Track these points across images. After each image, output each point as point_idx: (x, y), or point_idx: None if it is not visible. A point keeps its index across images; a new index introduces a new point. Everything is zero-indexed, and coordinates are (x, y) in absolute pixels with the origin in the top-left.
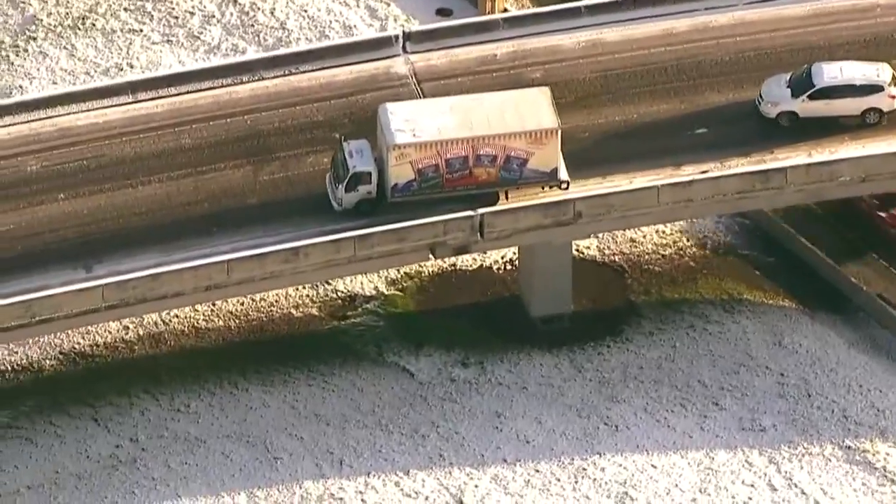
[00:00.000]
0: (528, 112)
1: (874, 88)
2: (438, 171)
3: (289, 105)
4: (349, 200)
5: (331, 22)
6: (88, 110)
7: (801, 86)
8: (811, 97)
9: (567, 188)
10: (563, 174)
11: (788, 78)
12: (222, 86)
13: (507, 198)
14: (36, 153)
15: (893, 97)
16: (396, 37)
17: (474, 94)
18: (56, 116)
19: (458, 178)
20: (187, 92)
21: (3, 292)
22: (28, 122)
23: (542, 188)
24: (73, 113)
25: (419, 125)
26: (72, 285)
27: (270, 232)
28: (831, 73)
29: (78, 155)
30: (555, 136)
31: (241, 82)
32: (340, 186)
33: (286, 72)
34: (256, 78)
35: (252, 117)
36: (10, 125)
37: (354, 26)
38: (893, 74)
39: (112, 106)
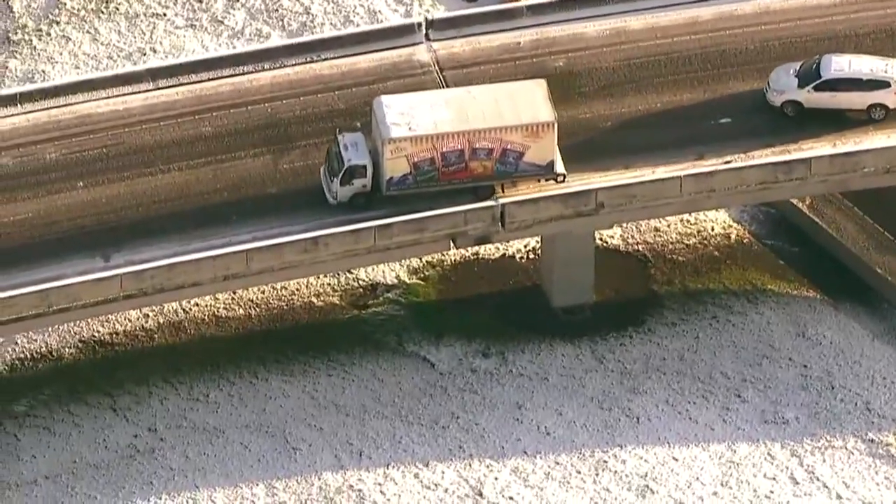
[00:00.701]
0: (524, 105)
1: (881, 84)
2: (434, 165)
3: (310, 93)
4: (344, 194)
5: (355, 7)
6: (108, 97)
7: (808, 76)
8: (816, 88)
9: (563, 181)
10: (560, 167)
11: (798, 67)
12: (243, 73)
13: (503, 191)
14: (55, 140)
15: None
16: (419, 24)
17: (470, 87)
18: (76, 104)
19: (453, 171)
20: (208, 79)
21: (21, 281)
22: (47, 109)
23: (539, 181)
24: (93, 100)
25: (415, 119)
26: (89, 275)
27: (290, 221)
28: (839, 65)
29: (97, 143)
30: (551, 130)
31: (263, 69)
32: (335, 180)
33: (308, 59)
34: (278, 65)
35: (273, 105)
36: (29, 112)
37: (379, 11)
38: None
39: (132, 93)
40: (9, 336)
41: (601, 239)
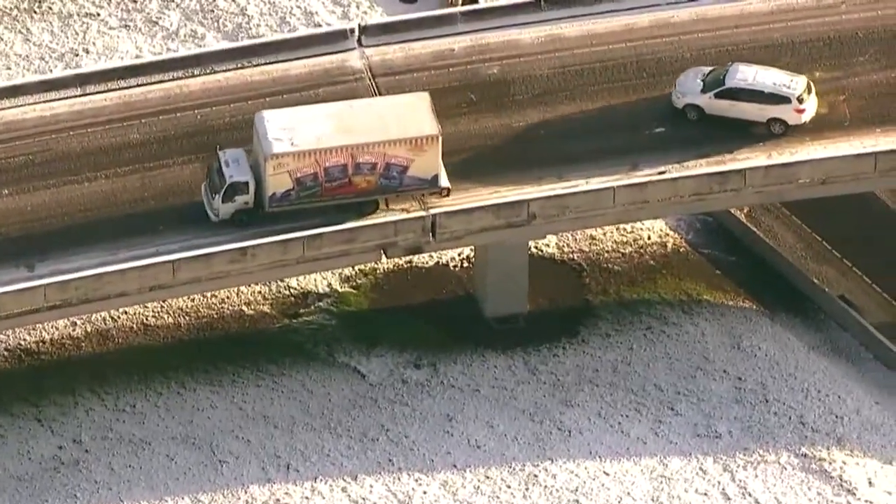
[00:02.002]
0: (408, 118)
1: (782, 99)
2: (317, 180)
3: (240, 99)
4: (226, 211)
5: (292, 8)
6: (35, 103)
7: (713, 83)
8: (717, 95)
9: (448, 195)
10: (444, 181)
11: (707, 72)
12: (173, 79)
13: (387, 205)
14: None
15: (800, 111)
16: (352, 30)
17: (353, 100)
18: (1, 110)
19: (337, 186)
20: (137, 85)
21: None
22: None
23: (423, 195)
24: (19, 106)
25: (297, 133)
26: (13, 285)
27: (219, 231)
28: (743, 75)
29: (24, 149)
30: (436, 143)
31: (193, 75)
32: (217, 197)
33: (239, 65)
34: (208, 71)
35: (203, 112)
36: None
37: (316, 13)
38: (806, 89)
39: (59, 99)
40: None
41: (536, 247)
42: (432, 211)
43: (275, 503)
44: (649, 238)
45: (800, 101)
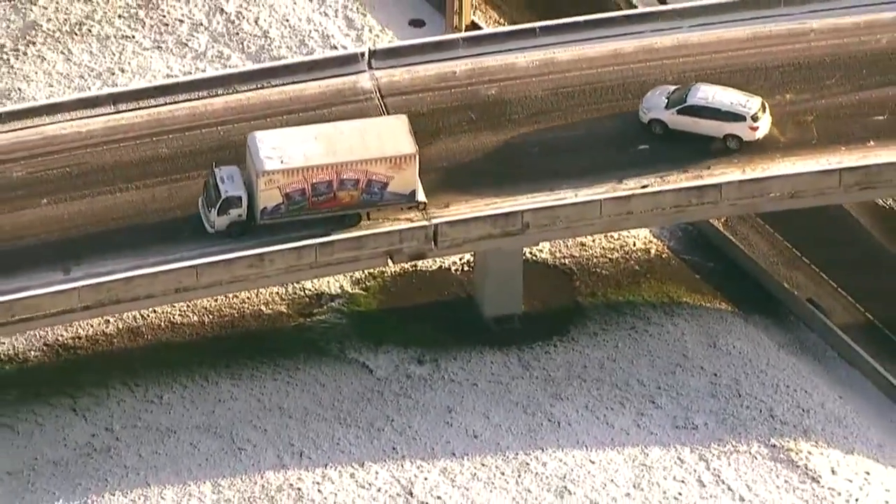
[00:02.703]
0: (387, 139)
1: (737, 117)
2: (305, 195)
3: (260, 117)
4: (221, 223)
5: (310, 31)
6: (72, 120)
7: (676, 100)
8: (679, 111)
9: (425, 209)
10: (421, 196)
11: (671, 90)
12: (198, 98)
13: (368, 218)
14: (22, 160)
15: (754, 129)
16: (362, 54)
17: (337, 122)
18: (42, 125)
19: (322, 201)
20: (165, 103)
21: None
22: (14, 130)
23: (402, 209)
24: (58, 122)
25: (286, 152)
26: (50, 287)
27: (238, 239)
28: (704, 94)
29: (61, 162)
30: (412, 161)
31: (217, 94)
32: (213, 210)
33: (259, 85)
34: (231, 91)
35: (225, 128)
36: None
37: (332, 36)
38: (761, 108)
39: (94, 116)
40: None
41: (530, 253)
42: (434, 220)
43: (289, 487)
44: (634, 245)
45: (754, 119)
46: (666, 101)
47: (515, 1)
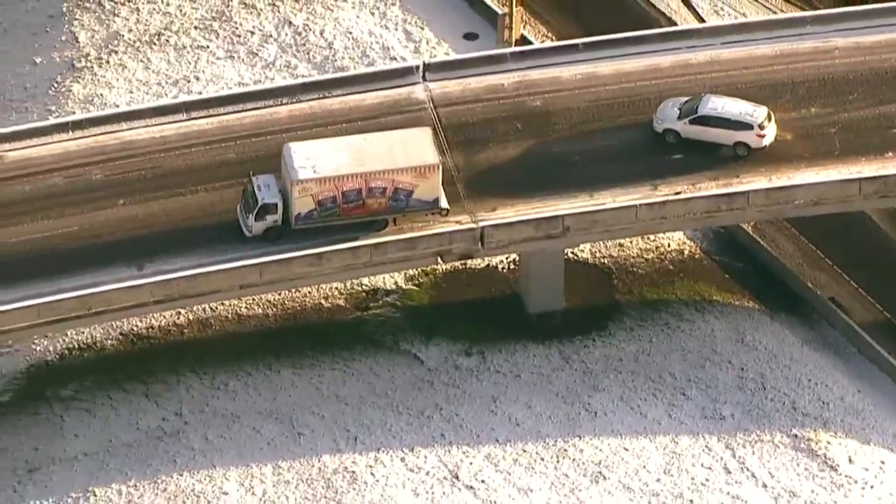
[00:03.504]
0: (413, 149)
1: (745, 126)
2: (336, 202)
3: (321, 125)
4: (258, 228)
5: (371, 43)
6: (148, 126)
7: (688, 111)
8: (691, 122)
9: (447, 215)
10: (444, 203)
11: (683, 102)
12: (265, 107)
13: (394, 223)
14: (101, 163)
15: (761, 136)
16: (417, 67)
17: (366, 134)
18: (120, 131)
19: (352, 207)
20: (234, 111)
21: (66, 286)
22: (94, 135)
23: (426, 215)
24: (135, 128)
25: (319, 162)
26: (124, 282)
27: (298, 239)
28: (714, 105)
29: (137, 166)
30: (436, 171)
31: (282, 104)
32: (251, 216)
33: (321, 95)
34: (294, 100)
35: (289, 135)
36: (79, 138)
37: (392, 48)
38: (767, 117)
39: (168, 123)
40: (56, 334)
41: (572, 252)
42: (482, 223)
43: (343, 470)
44: (669, 245)
45: (761, 127)
46: (678, 112)
47: (563, 16)
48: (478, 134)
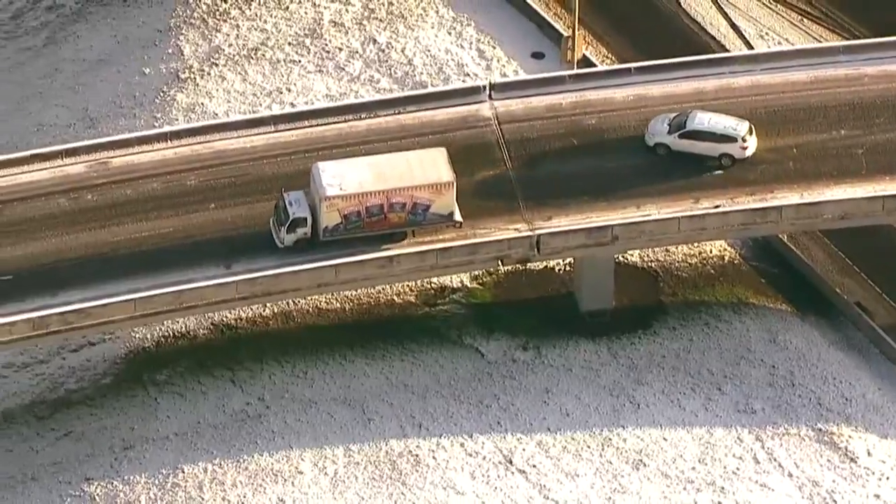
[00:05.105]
0: (429, 168)
1: (730, 139)
2: (360, 217)
3: (396, 138)
4: (290, 240)
5: (447, 60)
6: (238, 137)
7: (677, 125)
8: (680, 136)
9: (461, 227)
10: (458, 216)
11: (672, 117)
12: (345, 121)
13: (413, 235)
14: (195, 170)
15: (744, 148)
16: (484, 86)
17: (387, 154)
18: (213, 141)
19: (375, 221)
20: (317, 125)
21: (160, 282)
22: (190, 144)
23: (443, 227)
24: (227, 139)
25: (345, 180)
26: (213, 280)
27: (371, 243)
28: (701, 120)
29: (228, 173)
30: (451, 187)
31: (360, 118)
32: (283, 229)
33: (396, 111)
34: (371, 115)
35: (366, 147)
36: (176, 147)
37: (466, 65)
38: (748, 131)
39: (257, 134)
40: (150, 326)
41: (622, 256)
42: (538, 231)
43: (408, 454)
44: (711, 252)
45: (743, 140)
46: (668, 127)
47: (622, 38)
48: (537, 149)
